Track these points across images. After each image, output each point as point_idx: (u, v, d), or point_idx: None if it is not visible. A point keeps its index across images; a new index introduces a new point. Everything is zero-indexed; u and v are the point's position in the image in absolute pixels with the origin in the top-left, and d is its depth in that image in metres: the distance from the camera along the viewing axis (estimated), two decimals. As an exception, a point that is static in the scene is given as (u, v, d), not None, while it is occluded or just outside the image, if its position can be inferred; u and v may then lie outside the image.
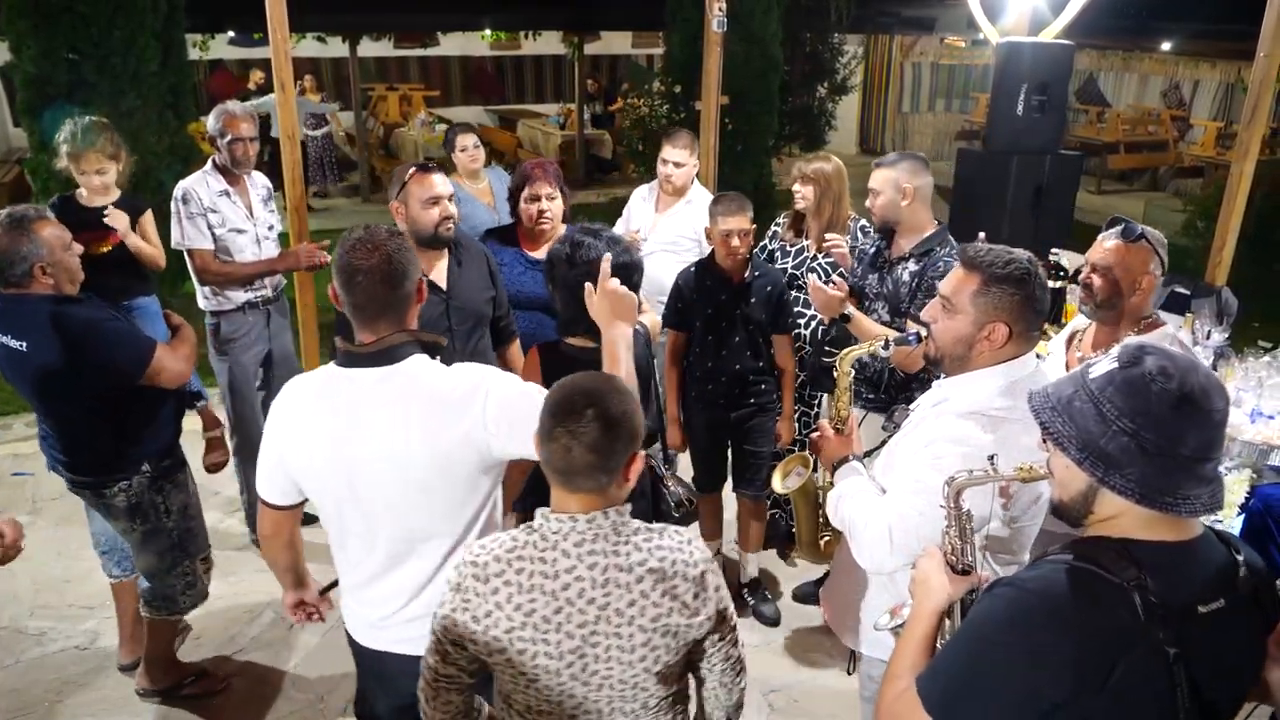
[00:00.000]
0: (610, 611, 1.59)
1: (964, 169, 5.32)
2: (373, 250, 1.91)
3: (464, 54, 16.01)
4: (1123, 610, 1.30)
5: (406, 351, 1.93)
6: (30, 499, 4.60)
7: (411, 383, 1.92)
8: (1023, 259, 1.95)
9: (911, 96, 16.37)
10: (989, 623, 1.38)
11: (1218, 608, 1.35)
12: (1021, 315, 1.92)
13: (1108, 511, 1.39)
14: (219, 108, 3.93)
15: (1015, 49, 4.90)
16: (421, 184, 2.95)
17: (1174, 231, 9.12)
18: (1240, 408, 3.49)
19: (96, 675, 3.44)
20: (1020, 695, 1.32)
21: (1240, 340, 4.13)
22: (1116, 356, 1.38)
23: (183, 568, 3.12)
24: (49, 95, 5.78)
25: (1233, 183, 4.56)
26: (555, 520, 1.61)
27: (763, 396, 3.62)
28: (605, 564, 1.59)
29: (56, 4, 5.67)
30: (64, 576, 3.99)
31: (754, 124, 9.23)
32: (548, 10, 11.52)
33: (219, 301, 3.95)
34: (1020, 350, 1.96)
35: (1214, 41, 11.23)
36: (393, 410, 1.90)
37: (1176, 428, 1.31)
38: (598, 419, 1.55)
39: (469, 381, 1.95)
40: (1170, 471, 1.32)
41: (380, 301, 1.92)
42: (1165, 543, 1.36)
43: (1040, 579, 1.36)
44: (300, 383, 2.03)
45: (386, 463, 1.90)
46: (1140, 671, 1.29)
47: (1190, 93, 14.54)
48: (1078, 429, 1.36)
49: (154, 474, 2.96)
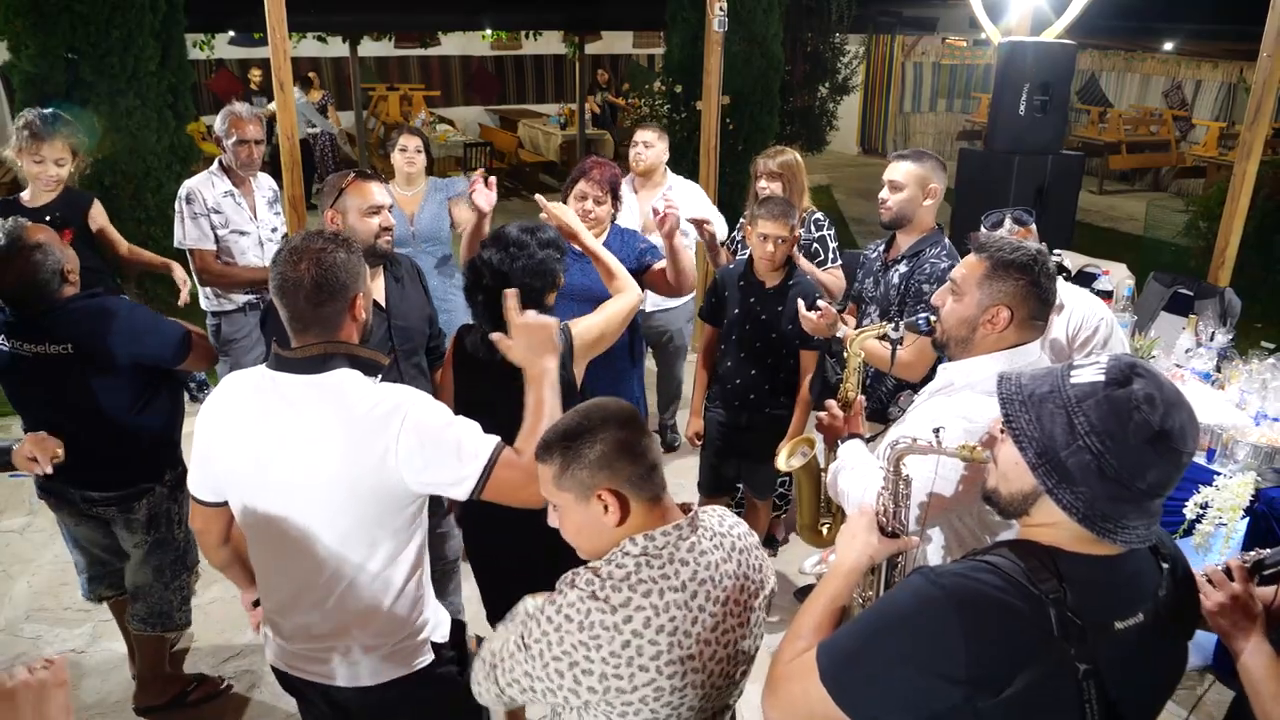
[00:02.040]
0: (732, 605, 1.58)
1: (965, 169, 5.30)
2: (300, 260, 1.81)
3: (464, 54, 15.99)
4: (1033, 621, 1.27)
5: (336, 363, 1.84)
6: (27, 501, 4.58)
7: (333, 395, 1.83)
8: (1031, 248, 1.97)
9: (913, 96, 16.35)
10: (896, 609, 1.35)
11: (1135, 623, 1.32)
12: (1024, 301, 1.95)
13: (1043, 518, 1.36)
14: (226, 109, 3.89)
15: (1017, 49, 4.88)
16: (359, 192, 2.74)
17: (1176, 232, 9.10)
18: (1244, 410, 3.46)
19: (92, 681, 3.42)
20: (911, 689, 1.29)
21: (1243, 342, 4.11)
22: (1105, 369, 1.32)
23: (180, 581, 3.09)
24: (47, 95, 5.75)
25: (1235, 183, 4.55)
26: (660, 535, 1.54)
27: (778, 409, 3.47)
28: (714, 559, 1.58)
29: (54, 3, 5.65)
30: (60, 580, 3.97)
31: (755, 124, 9.21)
32: (548, 10, 11.50)
33: (220, 303, 3.96)
34: (1023, 338, 1.99)
35: (1216, 42, 11.21)
36: (310, 420, 1.82)
37: (1143, 460, 1.27)
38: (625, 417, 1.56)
39: (390, 402, 1.83)
40: (1121, 500, 1.28)
41: (305, 316, 1.83)
42: (1092, 556, 1.33)
43: (955, 576, 1.33)
44: (234, 379, 1.96)
45: (298, 474, 1.83)
46: (1046, 685, 1.26)
47: (1192, 93, 14.51)
48: (1042, 432, 1.32)
49: (172, 481, 2.93)
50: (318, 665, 1.99)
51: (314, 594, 1.92)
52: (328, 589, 1.91)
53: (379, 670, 1.98)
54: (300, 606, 1.95)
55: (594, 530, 1.56)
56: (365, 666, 1.97)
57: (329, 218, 2.78)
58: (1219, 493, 3.15)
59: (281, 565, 1.94)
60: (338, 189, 2.77)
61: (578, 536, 1.60)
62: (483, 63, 16.53)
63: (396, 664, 1.99)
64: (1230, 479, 3.17)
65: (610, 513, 1.53)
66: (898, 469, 1.71)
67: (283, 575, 1.95)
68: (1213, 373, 3.79)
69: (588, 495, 1.53)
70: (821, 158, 12.86)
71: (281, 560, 1.93)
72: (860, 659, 1.35)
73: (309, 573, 1.90)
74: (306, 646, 1.99)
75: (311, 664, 2.00)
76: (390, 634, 1.97)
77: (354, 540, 1.87)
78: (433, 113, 14.03)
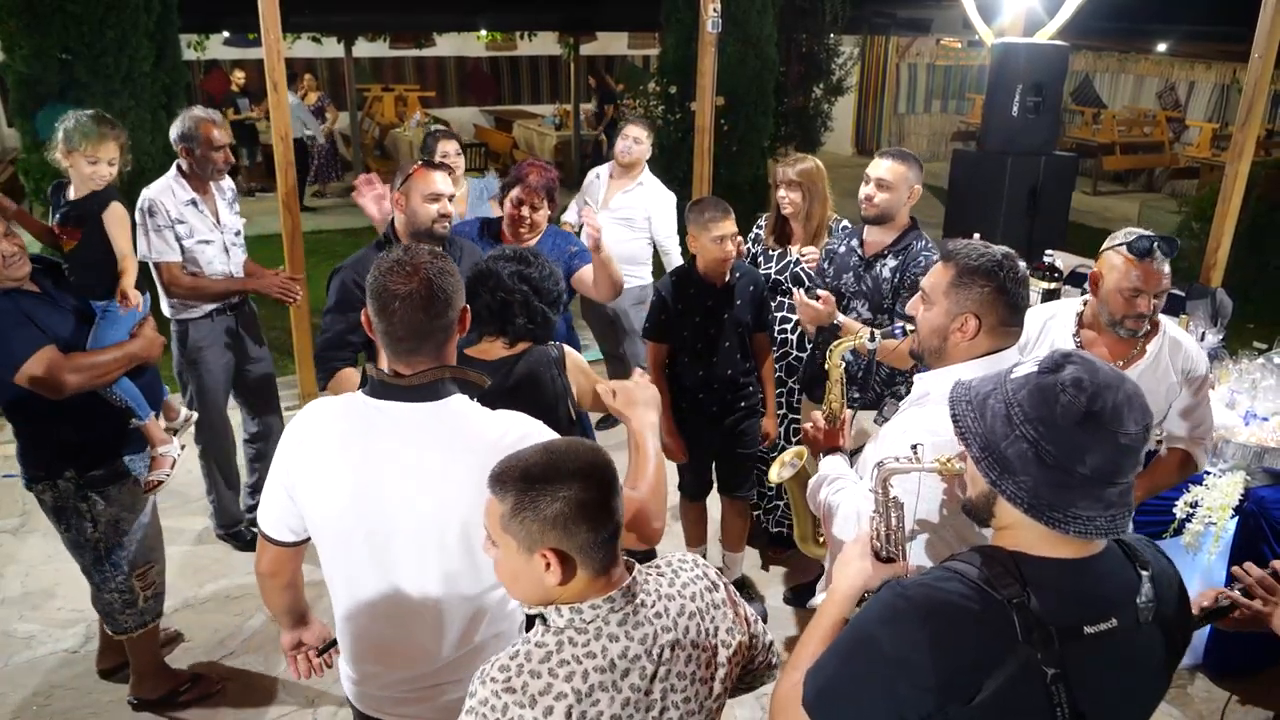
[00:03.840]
0: (673, 679, 1.45)
1: (959, 170, 5.32)
2: (412, 274, 1.70)
3: (459, 54, 15.99)
4: (998, 627, 1.26)
5: (449, 389, 1.76)
6: (20, 501, 4.57)
7: (460, 423, 1.73)
8: (997, 253, 1.95)
9: (907, 97, 16.38)
10: (866, 625, 1.35)
11: (1107, 628, 1.30)
12: (992, 308, 1.93)
13: (1006, 520, 1.37)
14: (186, 114, 3.75)
15: (1010, 50, 4.89)
16: (424, 179, 3.02)
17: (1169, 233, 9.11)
18: (1234, 409, 3.48)
19: (86, 680, 3.41)
20: (885, 703, 1.29)
21: (1235, 342, 4.13)
22: (1039, 360, 1.34)
23: (116, 584, 3.03)
24: (41, 95, 5.75)
25: (1228, 184, 4.56)
26: (588, 608, 1.40)
27: (751, 399, 3.59)
28: (652, 630, 1.43)
29: (48, 3, 5.64)
30: (54, 580, 3.97)
31: (749, 125, 9.23)
32: (543, 11, 11.51)
33: (185, 310, 3.88)
34: (996, 345, 1.97)
35: (1209, 43, 11.24)
36: (436, 453, 1.71)
37: (1077, 444, 1.27)
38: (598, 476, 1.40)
39: (518, 430, 1.73)
40: (1066, 488, 1.28)
41: (419, 331, 1.72)
42: (1057, 560, 1.32)
43: (922, 587, 1.33)
44: (322, 409, 1.82)
45: (422, 509, 1.72)
46: (1015, 690, 1.25)
47: (1185, 94, 14.56)
48: (985, 427, 1.34)
49: (79, 481, 2.88)
50: (404, 708, 1.89)
51: (424, 635, 1.82)
52: (439, 628, 1.81)
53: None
54: (407, 651, 1.85)
55: (530, 582, 1.42)
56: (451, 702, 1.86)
57: (394, 198, 3.06)
58: (1209, 492, 3.17)
59: (386, 607, 1.82)
60: (406, 174, 3.05)
61: (511, 582, 1.46)
62: (478, 63, 16.53)
63: None
64: (1220, 478, 3.19)
65: (551, 572, 1.38)
66: (886, 491, 1.67)
67: (386, 617, 1.83)
68: (1204, 372, 3.80)
69: (532, 549, 1.38)
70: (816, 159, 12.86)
71: (388, 601, 1.81)
72: (836, 680, 1.35)
73: (420, 612, 1.80)
74: (395, 684, 1.88)
75: (396, 708, 1.90)
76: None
77: (469, 575, 1.78)
78: (428, 113, 14.03)
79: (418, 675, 1.86)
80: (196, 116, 3.74)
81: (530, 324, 2.41)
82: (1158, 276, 2.51)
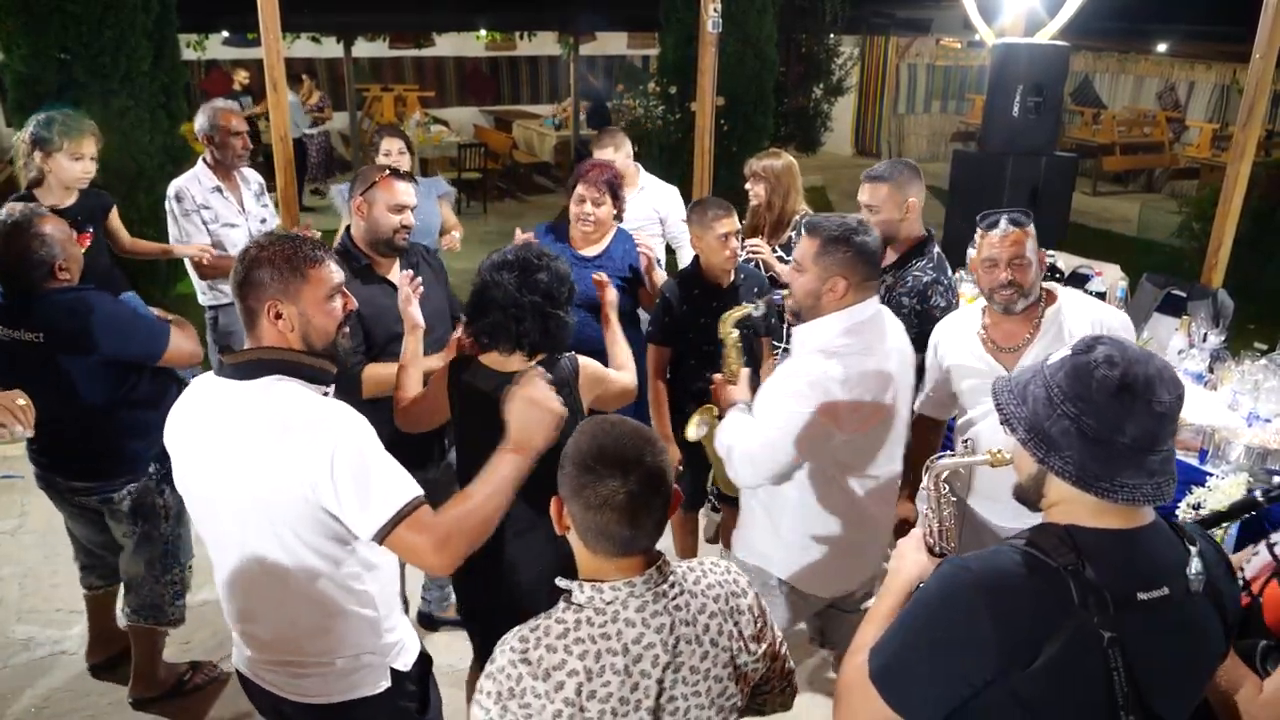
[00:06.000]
0: (685, 672, 1.47)
1: (959, 170, 5.30)
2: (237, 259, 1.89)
3: (459, 54, 15.97)
4: (1054, 593, 1.33)
5: (267, 370, 1.82)
6: (19, 502, 4.56)
7: (262, 403, 1.80)
8: (851, 222, 2.32)
9: (907, 98, 16.36)
10: (927, 598, 1.43)
11: (1160, 595, 1.37)
12: (854, 268, 2.28)
13: (1056, 496, 1.44)
14: (207, 105, 3.93)
15: (1011, 50, 4.88)
16: (389, 189, 2.91)
17: (1169, 233, 9.12)
18: (1237, 411, 3.47)
19: (83, 682, 3.40)
20: (949, 670, 1.36)
21: (1236, 343, 4.11)
22: (1073, 345, 1.45)
23: (172, 575, 3.10)
24: (39, 95, 5.74)
25: (1228, 184, 4.55)
26: (609, 589, 1.45)
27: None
28: (670, 621, 1.47)
29: (46, 3, 5.63)
30: (51, 581, 3.96)
31: (749, 125, 9.22)
32: (543, 11, 11.50)
33: (216, 295, 3.99)
34: (860, 298, 2.32)
35: (1209, 43, 11.24)
36: (240, 429, 1.80)
37: (1115, 415, 1.35)
38: (646, 470, 1.44)
39: (318, 416, 1.78)
40: (1110, 458, 1.35)
41: (239, 312, 1.89)
42: (1109, 530, 1.39)
43: (981, 559, 1.41)
44: (191, 386, 1.96)
45: (224, 483, 1.82)
46: (1072, 654, 1.31)
47: (1186, 94, 14.56)
48: (1028, 411, 1.42)
49: (159, 475, 2.94)
50: (271, 674, 1.98)
51: (256, 604, 1.92)
52: (266, 601, 1.90)
53: (328, 688, 1.94)
54: (249, 615, 1.96)
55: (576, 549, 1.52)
56: (314, 683, 1.94)
57: (356, 204, 2.95)
58: (1211, 493, 3.15)
59: (227, 574, 1.94)
60: (370, 181, 2.94)
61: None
62: (477, 63, 16.52)
63: (349, 685, 1.95)
64: (1223, 480, 3.18)
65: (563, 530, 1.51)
66: (938, 487, 1.70)
67: (230, 584, 1.94)
68: (1205, 374, 3.80)
69: (559, 516, 1.51)
70: (816, 159, 12.85)
71: (225, 569, 1.93)
72: (902, 651, 1.42)
73: (249, 583, 1.90)
74: (260, 656, 1.98)
75: (266, 672, 1.99)
76: (339, 651, 1.92)
77: (283, 553, 1.83)
78: (427, 113, 14.00)
79: (263, 644, 1.96)
80: (216, 107, 3.97)
81: (545, 334, 2.33)
82: (1008, 245, 2.60)
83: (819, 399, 2.25)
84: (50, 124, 3.51)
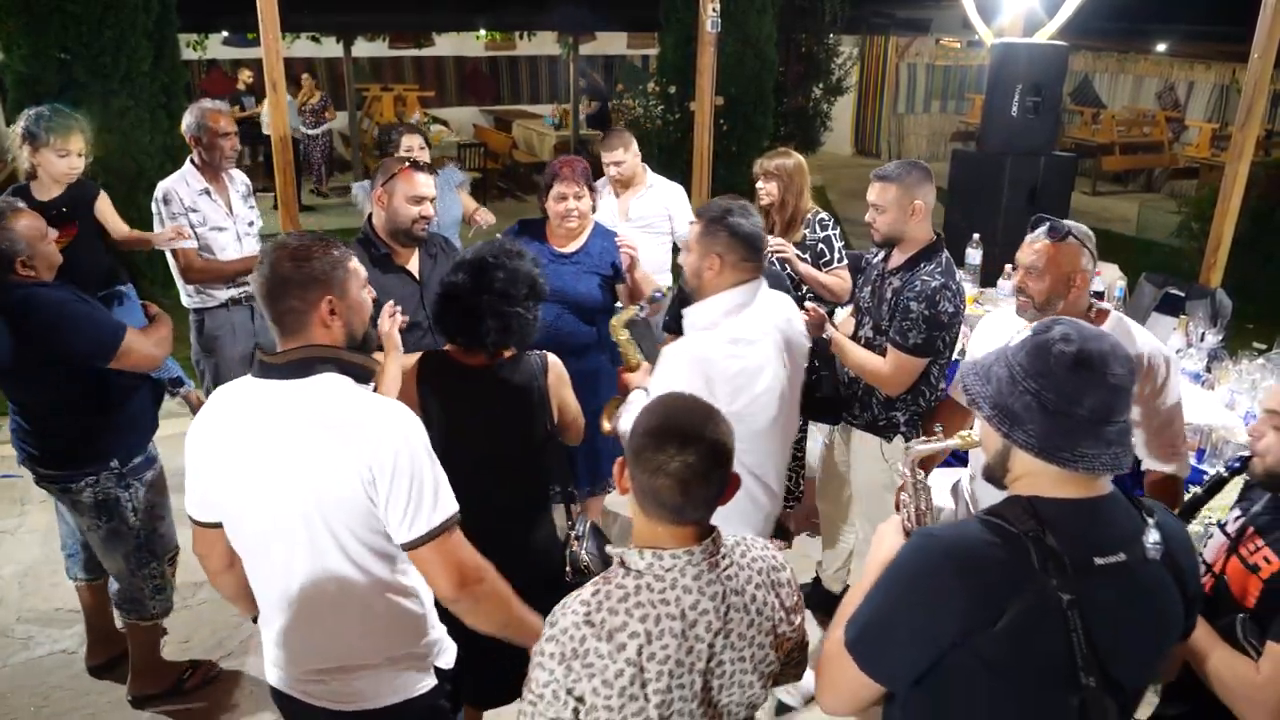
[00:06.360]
0: (734, 638, 1.55)
1: (959, 170, 5.32)
2: (264, 260, 1.82)
3: (459, 54, 15.98)
4: (1016, 558, 1.40)
5: (321, 368, 1.79)
6: (19, 501, 4.56)
7: (321, 401, 1.77)
8: (733, 206, 2.49)
9: (907, 97, 16.37)
10: (898, 567, 1.50)
11: (1117, 561, 1.43)
12: (730, 247, 2.46)
13: (1020, 470, 1.51)
14: (195, 106, 3.89)
15: (1010, 50, 4.89)
16: (409, 180, 2.99)
17: (1168, 233, 9.12)
18: (1234, 410, 3.48)
19: (83, 681, 3.41)
20: (918, 633, 1.43)
21: (1234, 342, 4.12)
22: (1033, 327, 1.53)
23: (149, 570, 3.09)
24: (39, 95, 5.75)
25: (1227, 184, 4.56)
26: (669, 556, 1.52)
27: None
28: (722, 590, 1.54)
29: (46, 3, 5.64)
30: (51, 581, 3.96)
31: (749, 125, 9.23)
32: (542, 11, 11.50)
33: (202, 299, 3.97)
34: (740, 278, 2.49)
35: (1208, 43, 11.25)
36: (296, 429, 1.75)
37: (1073, 388, 1.43)
38: (708, 445, 1.49)
39: (378, 415, 1.77)
40: (1069, 430, 1.43)
41: (273, 314, 1.81)
42: (1069, 499, 1.46)
43: (948, 530, 1.51)
44: (221, 391, 1.89)
45: (287, 486, 1.76)
46: (1033, 616, 1.38)
47: (1185, 94, 14.56)
48: (993, 389, 1.51)
49: (122, 470, 2.94)
50: (318, 686, 1.92)
51: (306, 612, 1.86)
52: (321, 603, 1.85)
53: (379, 691, 1.92)
54: (297, 626, 1.89)
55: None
56: (365, 686, 1.91)
57: (376, 195, 3.01)
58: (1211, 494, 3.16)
59: (272, 584, 1.87)
60: (391, 172, 3.00)
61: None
62: (477, 63, 16.52)
63: (398, 686, 1.94)
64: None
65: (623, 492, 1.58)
66: (914, 472, 1.77)
67: (276, 594, 1.88)
68: (1203, 373, 3.80)
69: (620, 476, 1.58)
70: (815, 159, 12.83)
71: (272, 580, 1.87)
72: (874, 616, 1.49)
73: (304, 589, 1.84)
74: (306, 670, 1.92)
75: (313, 684, 1.93)
76: (389, 651, 1.92)
77: (340, 554, 1.80)
78: (427, 113, 14.02)
79: (311, 655, 1.90)
80: (204, 108, 3.89)
81: (505, 331, 2.34)
82: (1031, 251, 2.54)
83: (699, 372, 2.38)
84: (39, 120, 3.54)
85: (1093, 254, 2.53)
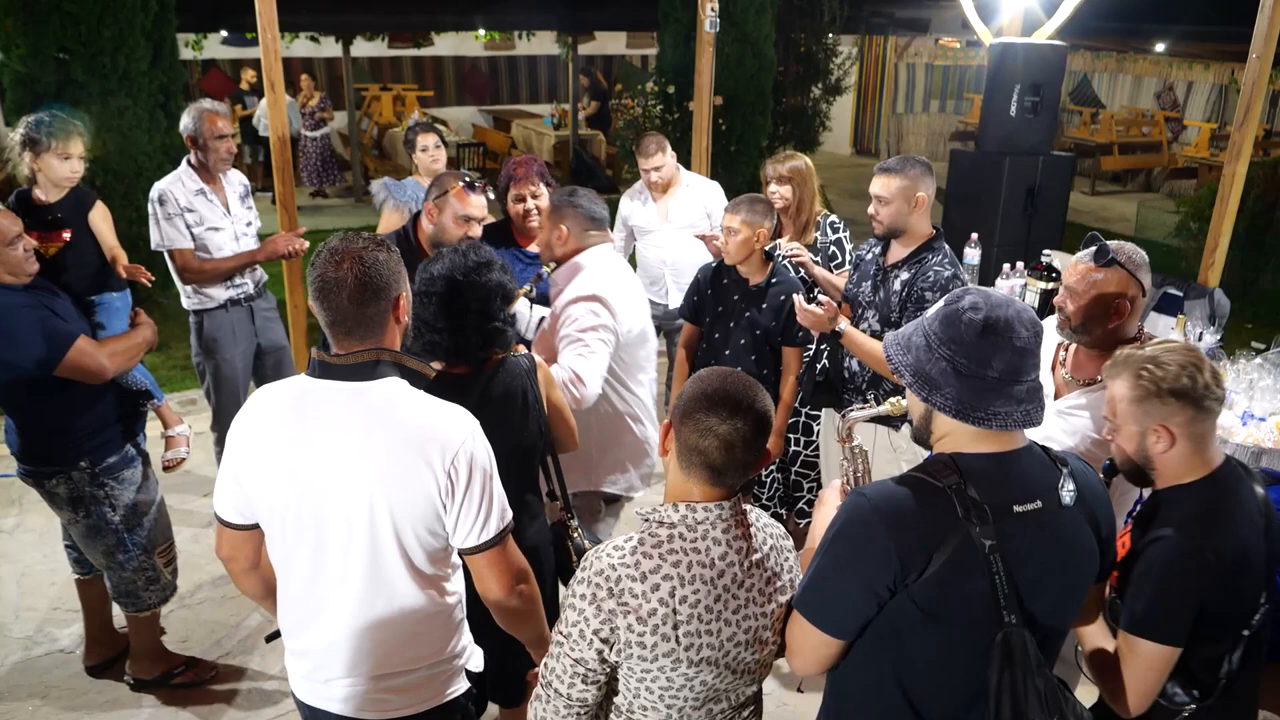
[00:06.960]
0: (755, 593, 1.65)
1: (957, 170, 5.32)
2: (342, 261, 1.73)
3: (458, 54, 15.98)
4: (941, 509, 1.52)
5: (384, 371, 1.77)
6: (16, 501, 4.56)
7: (386, 404, 1.75)
8: (577, 190, 2.97)
9: (906, 97, 16.38)
10: (834, 527, 1.61)
11: (1034, 508, 1.55)
12: (573, 218, 2.91)
13: (941, 431, 1.64)
14: (194, 107, 3.89)
15: (1008, 50, 4.89)
16: (464, 200, 3.04)
17: (1167, 233, 9.12)
18: (1231, 410, 3.48)
19: (81, 680, 3.41)
20: (858, 585, 1.55)
21: (1232, 342, 4.12)
22: (946, 297, 1.64)
23: (139, 563, 3.11)
24: (37, 95, 5.75)
25: (1225, 184, 4.56)
26: (701, 509, 1.62)
27: None
28: (746, 546, 1.65)
29: (45, 3, 5.63)
30: (50, 580, 3.96)
31: (747, 125, 9.23)
32: (541, 11, 11.50)
33: (201, 300, 3.96)
34: (585, 243, 2.93)
35: (1207, 43, 11.25)
36: (358, 431, 1.72)
37: (983, 352, 1.55)
38: (755, 415, 1.60)
39: (453, 422, 1.77)
40: (982, 391, 1.55)
41: (348, 317, 1.74)
42: (987, 453, 1.58)
43: (876, 487, 1.61)
44: (268, 391, 1.84)
45: (344, 488, 1.73)
46: (959, 561, 1.50)
47: (1184, 94, 14.57)
48: (913, 358, 1.62)
49: (94, 470, 2.94)
50: (344, 691, 1.89)
51: (358, 619, 1.83)
52: (371, 613, 1.82)
53: (420, 695, 1.91)
54: (335, 632, 1.85)
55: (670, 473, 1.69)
56: (395, 696, 1.89)
57: (427, 206, 3.08)
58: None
59: (318, 591, 1.83)
60: (444, 189, 3.06)
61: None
62: (476, 63, 16.52)
63: (427, 693, 1.92)
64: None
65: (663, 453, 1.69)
66: (850, 438, 1.92)
67: (316, 599, 1.84)
68: (1201, 373, 3.80)
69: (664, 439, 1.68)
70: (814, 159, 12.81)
71: (316, 583, 1.83)
72: (817, 574, 1.61)
73: (354, 597, 1.81)
74: (337, 677, 1.88)
75: (337, 690, 1.89)
76: (431, 657, 1.90)
77: (399, 558, 1.79)
78: (426, 113, 14.01)
79: (344, 661, 1.86)
80: (201, 109, 3.89)
81: (488, 345, 2.32)
82: (1072, 272, 2.41)
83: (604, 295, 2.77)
84: (39, 125, 3.55)
85: (1141, 283, 2.34)
